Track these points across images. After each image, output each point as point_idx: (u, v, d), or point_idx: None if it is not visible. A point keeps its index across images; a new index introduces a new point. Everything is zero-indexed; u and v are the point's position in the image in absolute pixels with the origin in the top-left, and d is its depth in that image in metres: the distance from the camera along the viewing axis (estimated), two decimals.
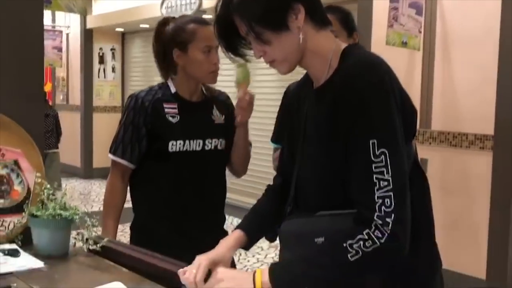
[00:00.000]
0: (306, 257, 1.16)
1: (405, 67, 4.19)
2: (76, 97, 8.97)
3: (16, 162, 1.79)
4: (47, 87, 9.91)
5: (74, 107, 9.00)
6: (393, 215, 1.07)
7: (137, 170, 2.04)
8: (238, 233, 1.40)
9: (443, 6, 4.02)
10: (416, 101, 4.10)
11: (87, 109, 8.75)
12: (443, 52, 4.03)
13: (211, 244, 1.40)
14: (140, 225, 2.09)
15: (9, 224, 1.76)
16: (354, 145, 1.13)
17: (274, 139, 2.55)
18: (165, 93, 2.01)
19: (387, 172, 1.09)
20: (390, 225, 1.06)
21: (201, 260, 1.29)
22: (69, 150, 9.03)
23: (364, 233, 1.07)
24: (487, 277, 3.78)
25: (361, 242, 1.06)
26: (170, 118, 1.97)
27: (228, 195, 2.17)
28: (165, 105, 1.98)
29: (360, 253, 1.06)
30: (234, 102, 2.05)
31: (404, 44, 3.94)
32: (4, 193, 1.77)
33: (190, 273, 1.27)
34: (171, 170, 1.99)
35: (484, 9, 3.77)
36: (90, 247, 1.69)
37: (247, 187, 5.96)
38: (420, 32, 3.99)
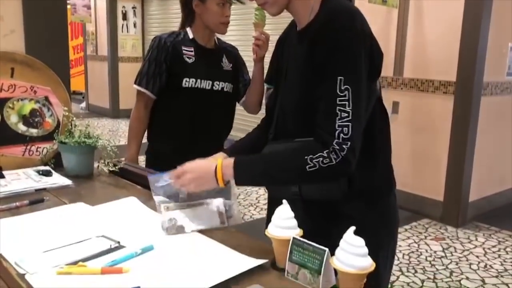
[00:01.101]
0: (269, 159, 1.18)
1: (382, 23, 4.08)
2: (103, 49, 8.81)
3: (46, 98, 1.78)
4: (79, 41, 9.75)
5: (102, 57, 8.86)
6: (349, 143, 1.08)
7: (156, 101, 2.05)
8: (220, 153, 1.41)
9: None
10: (391, 52, 4.04)
11: (113, 59, 8.63)
12: (416, 9, 3.91)
13: None
14: (153, 149, 2.10)
15: (42, 150, 1.77)
16: (325, 79, 1.12)
17: (266, 80, 2.52)
18: (184, 38, 2.02)
19: (348, 106, 1.09)
20: (345, 151, 1.08)
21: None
22: (99, 94, 9.01)
23: (325, 152, 1.08)
24: (444, 198, 3.85)
25: (321, 159, 1.08)
26: (187, 59, 1.98)
27: (235, 133, 2.15)
28: (183, 47, 1.98)
29: (317, 166, 1.09)
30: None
31: (384, 2, 3.83)
32: (38, 124, 1.76)
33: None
34: (183, 103, 1.99)
35: None
36: (111, 169, 1.70)
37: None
38: None
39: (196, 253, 1.10)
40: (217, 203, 1.29)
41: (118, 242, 1.13)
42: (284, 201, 1.05)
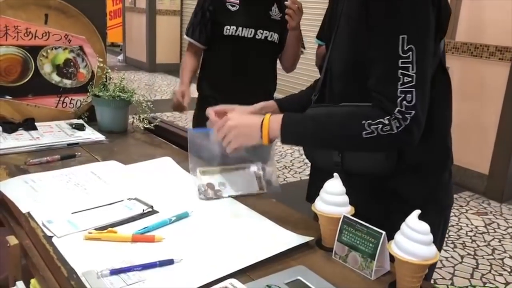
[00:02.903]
0: (321, 120, 1.03)
1: None
2: (142, 1, 8.68)
3: (81, 48, 1.69)
4: None
5: (140, 9, 8.73)
6: (413, 112, 0.93)
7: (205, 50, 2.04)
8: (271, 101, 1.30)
9: None
10: None
11: (151, 12, 8.48)
12: None
13: None
14: (200, 99, 2.09)
15: (76, 102, 1.69)
16: (384, 37, 0.95)
17: (318, 36, 2.48)
18: None
19: (412, 69, 0.93)
20: (408, 120, 0.94)
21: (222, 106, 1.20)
22: (136, 47, 8.94)
23: (385, 118, 0.94)
24: (489, 173, 3.64)
25: (380, 126, 0.94)
26: (230, 6, 1.93)
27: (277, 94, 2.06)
28: None
29: (375, 133, 0.94)
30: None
31: None
32: (72, 74, 1.68)
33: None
34: (224, 51, 1.96)
35: None
36: (146, 126, 1.62)
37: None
38: None
39: (234, 225, 1.01)
40: (255, 168, 1.20)
41: (151, 207, 1.05)
42: (336, 174, 0.93)
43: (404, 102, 0.93)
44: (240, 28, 1.91)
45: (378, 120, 0.94)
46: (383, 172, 1.07)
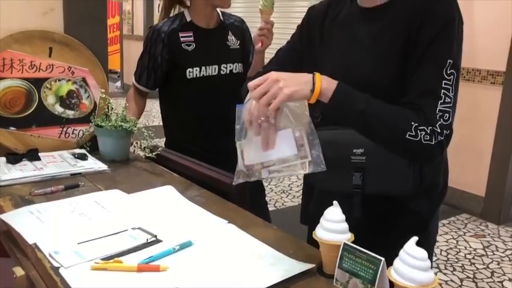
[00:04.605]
0: (375, 103, 1.02)
1: None
2: (139, 28, 8.81)
3: (84, 79, 1.73)
4: (115, 20, 9.78)
5: (138, 37, 8.87)
6: (448, 130, 1.02)
7: (166, 93, 1.92)
8: None
9: None
10: None
11: None
12: None
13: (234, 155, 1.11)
14: (170, 138, 1.98)
15: (79, 132, 1.73)
16: (432, 58, 1.04)
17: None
18: (181, 22, 1.84)
19: (452, 91, 1.02)
20: (443, 136, 1.01)
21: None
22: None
23: (428, 128, 1.00)
24: (486, 195, 3.67)
25: (423, 133, 1.00)
26: (186, 47, 1.81)
27: None
28: (180, 34, 1.81)
29: (417, 138, 1.00)
30: (252, 29, 1.86)
31: None
32: (74, 105, 1.72)
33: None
34: (191, 94, 1.84)
35: None
36: (147, 154, 1.65)
37: None
38: None
39: (237, 253, 1.03)
40: (295, 132, 1.01)
41: (155, 236, 1.07)
42: (335, 202, 0.96)
43: (442, 119, 1.01)
44: (203, 68, 1.81)
45: (423, 127, 1.00)
46: (406, 193, 1.11)
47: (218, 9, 1.90)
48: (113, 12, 9.81)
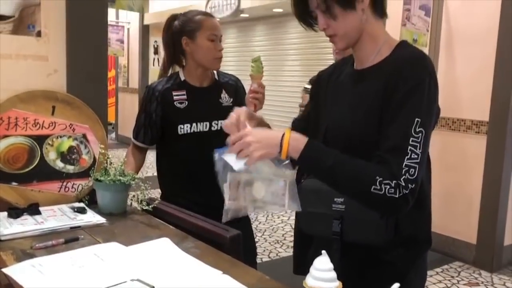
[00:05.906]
0: (344, 159, 1.13)
1: None
2: (134, 81, 9.04)
3: (84, 136, 1.81)
4: (111, 73, 10.03)
5: (133, 90, 9.08)
6: (413, 184, 1.08)
7: (160, 148, 2.02)
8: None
9: (448, 8, 3.87)
10: None
11: (143, 92, 8.84)
12: (447, 49, 3.89)
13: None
14: (163, 191, 2.06)
15: (78, 186, 1.79)
16: (401, 117, 1.11)
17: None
18: (175, 81, 1.97)
19: (419, 148, 1.09)
20: (408, 190, 1.07)
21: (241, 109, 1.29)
22: (128, 125, 9.16)
23: (393, 182, 1.07)
24: (477, 243, 3.71)
25: (388, 187, 1.07)
26: (178, 104, 1.93)
27: None
28: (174, 93, 1.94)
29: (382, 192, 1.07)
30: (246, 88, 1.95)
31: (415, 41, 3.82)
32: (74, 160, 1.79)
33: (231, 117, 1.27)
34: (182, 149, 1.95)
35: (485, 10, 3.62)
36: (144, 207, 1.70)
37: None
38: (427, 30, 3.86)
39: None
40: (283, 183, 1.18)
41: (153, 287, 1.11)
42: (324, 252, 1.02)
43: (407, 174, 1.08)
44: (194, 124, 1.91)
45: (388, 181, 1.07)
46: (380, 243, 1.17)
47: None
48: (109, 66, 10.07)
